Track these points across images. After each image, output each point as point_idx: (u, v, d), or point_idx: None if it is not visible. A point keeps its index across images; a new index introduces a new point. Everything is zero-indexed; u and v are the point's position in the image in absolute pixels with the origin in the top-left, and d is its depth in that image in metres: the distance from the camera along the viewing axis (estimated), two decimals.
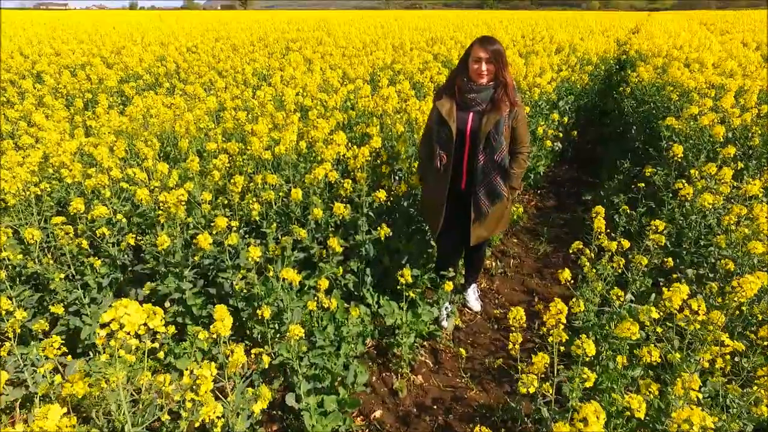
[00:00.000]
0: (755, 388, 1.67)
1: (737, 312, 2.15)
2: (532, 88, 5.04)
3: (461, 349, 3.00)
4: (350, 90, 4.22)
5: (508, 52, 6.06)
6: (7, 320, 2.25)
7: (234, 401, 1.92)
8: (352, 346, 2.84)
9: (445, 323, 3.29)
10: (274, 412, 2.58)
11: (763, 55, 6.77)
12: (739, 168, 3.50)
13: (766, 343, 1.72)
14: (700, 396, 1.59)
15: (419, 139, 3.37)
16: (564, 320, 1.76)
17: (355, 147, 3.40)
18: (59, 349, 1.84)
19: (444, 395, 2.77)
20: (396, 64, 5.36)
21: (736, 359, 1.96)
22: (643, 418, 1.56)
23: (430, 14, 30.45)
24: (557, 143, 6.09)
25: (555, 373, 1.87)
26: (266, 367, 1.98)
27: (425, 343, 3.18)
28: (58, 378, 1.65)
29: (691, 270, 3.02)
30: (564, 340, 1.84)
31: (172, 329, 2.73)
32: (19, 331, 2.32)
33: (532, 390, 1.71)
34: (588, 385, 1.70)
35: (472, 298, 3.52)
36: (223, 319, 1.81)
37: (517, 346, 2.16)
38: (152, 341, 1.60)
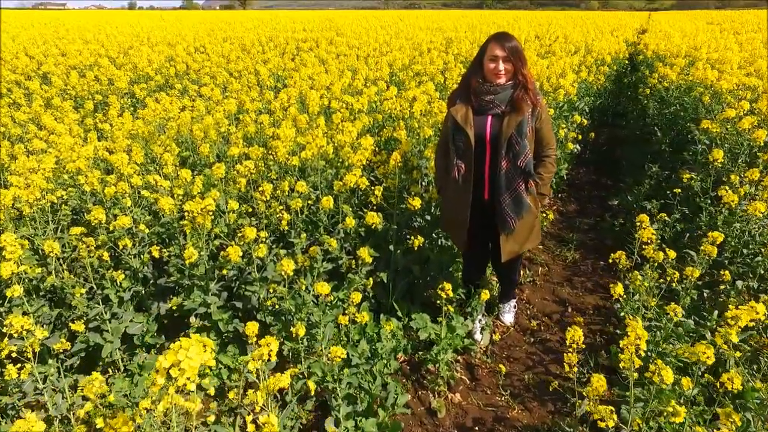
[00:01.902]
0: None
1: None
2: (556, 90, 4.89)
3: (501, 366, 2.85)
4: (375, 91, 4.07)
5: (526, 53, 5.92)
6: (27, 339, 2.10)
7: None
8: (386, 362, 2.69)
9: (478, 336, 3.14)
10: None
11: None
12: None
13: None
14: None
15: None
16: (644, 347, 1.61)
17: (384, 152, 3.25)
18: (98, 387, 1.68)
19: (485, 415, 2.63)
20: (415, 65, 5.21)
21: None
22: None
23: (432, 14, 30.28)
24: (576, 146, 5.96)
25: (630, 403, 1.72)
26: (311, 393, 1.83)
27: (459, 357, 3.04)
28: (99, 421, 1.51)
29: (740, 282, 2.88)
30: (637, 367, 1.70)
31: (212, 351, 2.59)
32: (38, 350, 2.18)
33: (611, 424, 1.56)
34: (677, 420, 1.55)
35: (506, 313, 3.33)
36: (269, 344, 1.66)
37: (574, 369, 2.02)
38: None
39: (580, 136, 5.75)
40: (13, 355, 2.06)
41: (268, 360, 1.63)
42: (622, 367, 1.72)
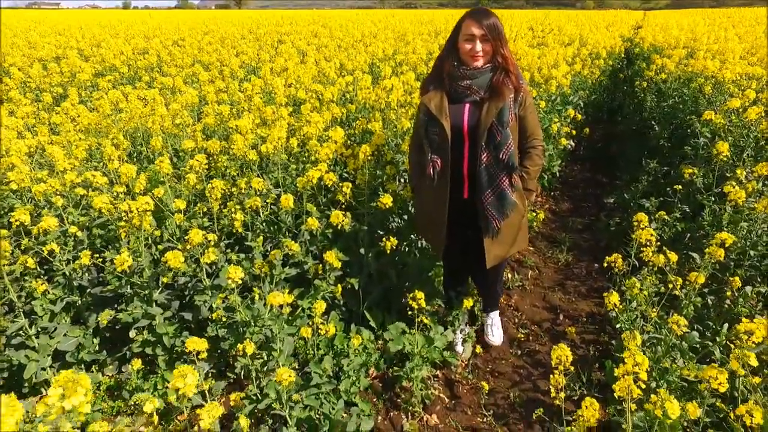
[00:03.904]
0: None
1: None
2: (548, 81, 4.59)
3: (483, 383, 2.54)
4: (348, 81, 3.76)
5: (518, 44, 5.63)
6: None
7: None
8: (354, 380, 2.39)
9: (460, 348, 2.84)
10: None
11: None
12: None
13: None
14: None
15: None
16: (644, 377, 1.31)
17: (355, 145, 2.95)
18: None
19: None
20: (398, 55, 4.89)
21: None
22: None
23: (427, 11, 30.01)
24: (570, 141, 5.67)
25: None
26: (244, 430, 1.53)
27: (438, 372, 2.73)
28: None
29: (749, 287, 2.58)
30: (636, 398, 1.40)
31: (137, 363, 2.28)
32: None
33: None
34: None
35: (491, 329, 2.93)
36: (185, 376, 1.35)
37: (561, 395, 1.71)
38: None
39: (574, 132, 5.46)
40: None
41: (183, 395, 1.33)
42: (618, 397, 1.42)
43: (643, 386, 1.33)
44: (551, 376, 1.77)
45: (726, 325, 2.25)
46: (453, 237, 2.47)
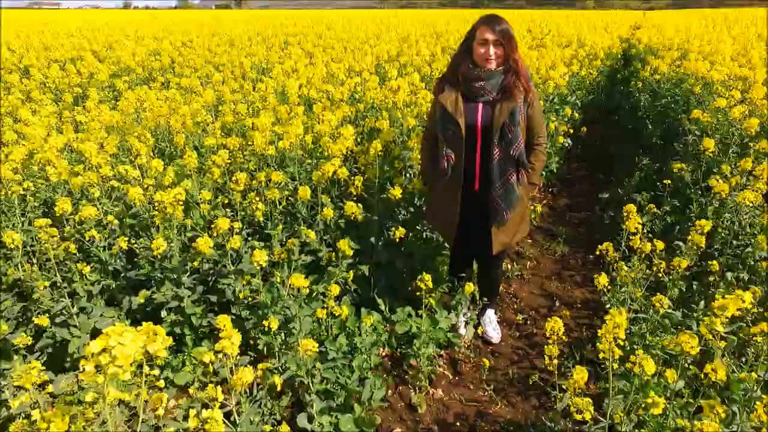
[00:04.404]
0: None
1: None
2: (546, 81, 4.81)
3: (484, 359, 2.76)
4: (357, 82, 3.98)
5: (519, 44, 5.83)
6: None
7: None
8: (366, 357, 2.61)
9: (463, 330, 3.05)
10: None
11: None
12: None
13: None
14: None
15: None
16: (622, 336, 1.53)
17: (364, 141, 3.16)
18: (40, 375, 1.59)
19: (467, 410, 2.55)
20: (402, 56, 5.11)
21: None
22: None
23: (428, 11, 30.22)
24: (567, 140, 5.88)
25: (609, 395, 1.64)
26: (278, 388, 1.74)
27: (443, 352, 2.95)
28: (36, 413, 1.41)
29: (730, 273, 2.80)
30: (617, 357, 1.61)
31: (169, 340, 2.49)
32: (1, 345, 2.08)
33: (587, 416, 1.48)
34: (656, 412, 1.47)
35: (490, 327, 3.08)
36: (230, 337, 1.57)
37: (555, 362, 1.93)
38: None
39: (571, 131, 5.68)
40: None
41: (225, 355, 1.55)
42: (602, 357, 1.64)
43: (622, 344, 1.55)
44: (546, 347, 1.99)
45: (702, 302, 2.47)
46: (460, 226, 2.67)
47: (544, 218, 4.89)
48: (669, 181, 3.64)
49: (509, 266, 3.89)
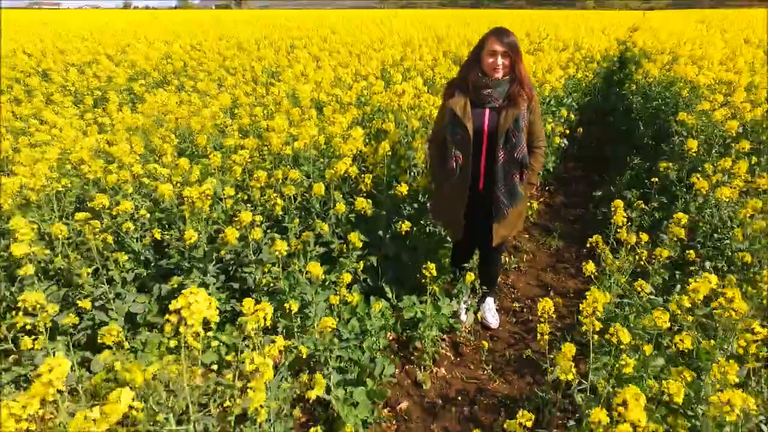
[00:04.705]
0: None
1: (764, 302, 2.18)
2: (543, 85, 5.06)
3: (483, 342, 3.02)
4: (363, 86, 4.23)
5: None
6: (39, 313, 2.25)
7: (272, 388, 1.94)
8: (375, 339, 2.86)
9: (464, 317, 3.31)
10: (302, 404, 2.59)
11: (766, 52, 6.84)
12: (752, 163, 3.54)
13: None
14: (737, 380, 1.62)
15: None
16: (600, 309, 1.78)
17: (373, 142, 3.41)
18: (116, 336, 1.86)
19: (468, 387, 2.80)
20: (406, 61, 5.37)
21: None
22: (680, 402, 1.59)
23: (428, 12, 30.45)
24: (564, 140, 6.13)
25: (590, 361, 1.90)
26: (303, 357, 1.99)
27: (445, 336, 3.20)
28: (118, 365, 1.66)
29: (708, 263, 3.06)
30: (598, 329, 1.87)
31: (216, 303, 2.75)
32: (50, 325, 2.33)
33: (570, 377, 1.73)
34: (627, 371, 1.72)
35: (489, 314, 3.33)
36: (264, 309, 1.82)
37: (546, 337, 2.19)
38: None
39: (567, 131, 5.93)
40: (27, 327, 2.21)
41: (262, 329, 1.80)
42: (584, 330, 1.89)
43: (600, 315, 1.80)
44: (539, 325, 2.24)
45: (678, 286, 2.72)
46: (465, 222, 2.90)
47: (541, 215, 5.14)
48: (656, 179, 3.90)
49: (507, 259, 4.15)
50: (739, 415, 1.51)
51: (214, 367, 2.25)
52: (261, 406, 1.68)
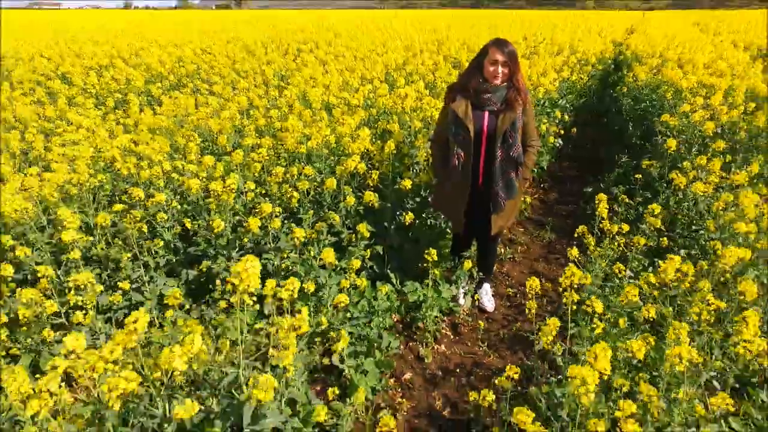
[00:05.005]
0: (734, 337, 2.02)
1: (722, 279, 2.50)
2: (537, 87, 5.38)
3: (480, 322, 3.34)
4: (369, 89, 4.56)
5: None
6: (87, 292, 2.57)
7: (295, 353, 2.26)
8: (382, 319, 3.17)
9: (462, 300, 3.62)
10: (317, 375, 2.91)
11: (752, 55, 7.17)
12: (727, 160, 3.86)
13: (741, 297, 2.07)
14: (687, 339, 1.93)
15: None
16: (576, 281, 2.10)
17: (379, 141, 3.73)
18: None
19: (465, 361, 3.12)
20: (408, 65, 5.70)
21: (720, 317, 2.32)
22: (642, 359, 1.91)
23: (428, 12, 30.79)
24: (558, 140, 6.45)
25: (568, 328, 2.21)
26: (323, 327, 2.31)
27: (445, 318, 3.52)
28: (180, 320, 1.97)
29: (683, 250, 3.37)
30: (575, 300, 2.18)
31: (223, 304, 3.07)
32: (95, 302, 2.65)
33: (550, 338, 2.05)
34: (598, 332, 2.04)
35: (486, 298, 3.65)
36: (293, 283, 2.14)
37: (533, 311, 2.50)
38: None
39: (561, 131, 6.24)
40: (78, 303, 2.53)
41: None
42: (564, 302, 2.21)
43: (576, 286, 2.11)
44: (527, 302, 2.56)
45: (651, 268, 3.04)
46: (466, 215, 3.20)
47: (535, 210, 5.46)
48: (640, 176, 4.22)
49: (503, 250, 4.47)
50: (688, 367, 1.82)
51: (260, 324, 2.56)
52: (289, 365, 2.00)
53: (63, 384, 1.47)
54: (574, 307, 2.19)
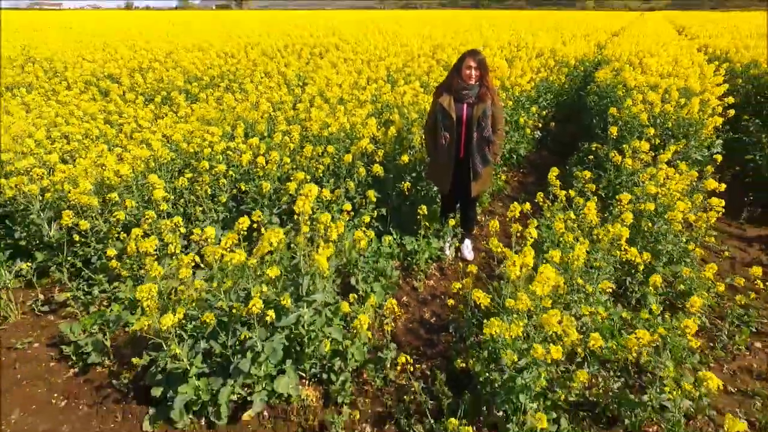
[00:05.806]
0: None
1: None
2: (514, 87, 6.44)
3: (460, 263, 4.40)
4: (375, 87, 5.63)
5: (496, 58, 7.48)
6: (173, 233, 3.61)
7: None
8: (385, 261, 4.23)
9: (448, 252, 4.68)
10: (339, 295, 3.95)
11: (710, 58, 8.19)
12: (656, 143, 4.92)
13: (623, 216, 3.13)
14: (586, 250, 2.98)
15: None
16: (517, 214, 3.15)
17: (383, 128, 4.78)
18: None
19: (448, 290, 4.17)
20: (407, 68, 6.77)
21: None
22: (558, 262, 2.96)
23: (428, 12, 31.85)
24: (536, 132, 7.51)
25: (512, 247, 3.27)
26: (348, 257, 3.36)
27: (434, 264, 4.57)
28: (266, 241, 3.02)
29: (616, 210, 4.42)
30: (520, 229, 3.23)
31: (266, 247, 4.13)
32: (177, 242, 3.69)
33: (501, 249, 3.10)
34: (555, 260, 3.08)
35: (467, 250, 4.69)
36: (327, 216, 3.19)
37: (498, 250, 3.54)
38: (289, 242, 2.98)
39: (540, 124, 7.29)
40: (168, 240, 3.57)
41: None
42: (511, 231, 3.26)
43: (534, 234, 3.16)
44: (489, 239, 3.60)
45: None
46: (452, 181, 4.26)
47: (514, 189, 6.51)
48: (592, 157, 5.27)
49: (482, 219, 5.51)
50: (583, 263, 2.88)
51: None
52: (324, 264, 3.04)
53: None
54: (518, 236, 3.24)
